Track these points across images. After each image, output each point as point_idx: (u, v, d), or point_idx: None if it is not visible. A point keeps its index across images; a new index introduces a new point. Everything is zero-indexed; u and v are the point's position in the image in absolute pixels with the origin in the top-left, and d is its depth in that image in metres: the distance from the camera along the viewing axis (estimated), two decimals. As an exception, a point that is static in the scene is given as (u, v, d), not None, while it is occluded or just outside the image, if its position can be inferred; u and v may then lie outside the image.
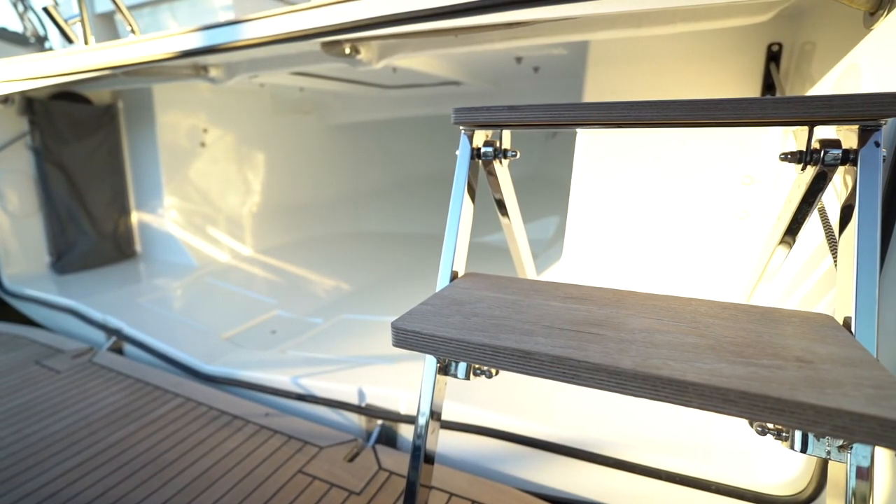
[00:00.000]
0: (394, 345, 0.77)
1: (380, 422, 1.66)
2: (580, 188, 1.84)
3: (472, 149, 1.05)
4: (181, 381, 1.98)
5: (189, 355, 2.11)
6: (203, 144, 3.51)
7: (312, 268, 3.48)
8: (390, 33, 1.54)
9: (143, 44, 1.84)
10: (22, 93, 2.80)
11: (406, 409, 1.62)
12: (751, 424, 0.90)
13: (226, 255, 3.48)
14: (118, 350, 2.38)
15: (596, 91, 1.93)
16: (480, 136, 1.06)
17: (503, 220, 1.21)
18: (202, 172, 3.53)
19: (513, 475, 1.42)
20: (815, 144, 0.81)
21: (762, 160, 1.65)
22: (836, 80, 1.24)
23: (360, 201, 4.83)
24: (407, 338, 0.74)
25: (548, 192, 4.58)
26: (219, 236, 3.53)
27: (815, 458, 1.11)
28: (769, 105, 0.77)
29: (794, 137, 1.36)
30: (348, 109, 4.37)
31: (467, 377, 0.97)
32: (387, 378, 1.76)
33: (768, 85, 1.70)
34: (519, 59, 2.54)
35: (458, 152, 1.07)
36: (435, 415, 0.97)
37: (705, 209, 1.72)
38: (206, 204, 3.55)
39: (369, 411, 1.67)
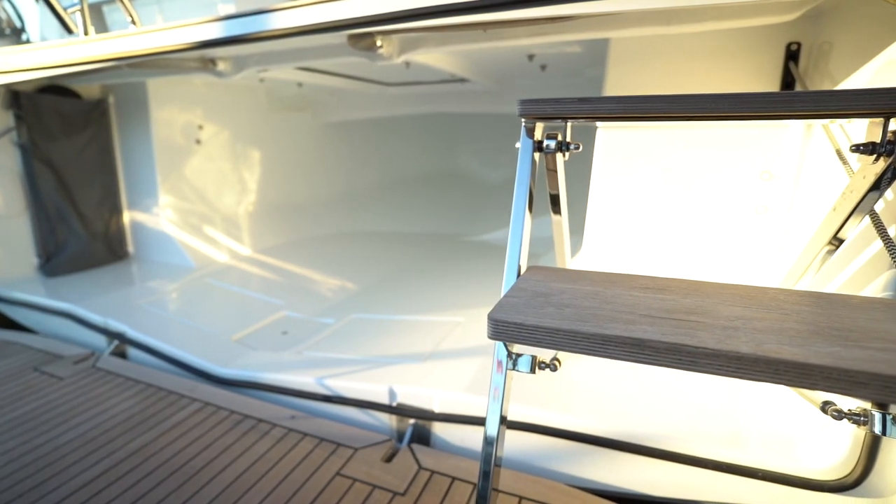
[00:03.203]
0: (490, 337, 0.75)
1: (412, 421, 1.64)
2: (600, 183, 1.86)
3: (534, 142, 1.04)
4: (196, 385, 1.90)
5: (201, 359, 2.04)
6: (198, 141, 3.40)
7: (314, 268, 3.41)
8: (423, 26, 1.52)
9: (156, 34, 1.76)
10: (7, 85, 2.66)
11: (440, 407, 1.60)
12: (824, 411, 0.92)
13: (224, 256, 3.38)
14: (121, 354, 2.28)
15: (616, 88, 1.96)
16: (539, 129, 1.06)
17: (555, 217, 1.20)
18: (198, 170, 3.41)
19: (556, 470, 1.42)
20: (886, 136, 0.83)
21: (781, 156, 1.69)
22: (872, 76, 1.29)
23: (355, 201, 4.77)
24: (508, 330, 0.73)
25: (543, 191, 4.62)
26: (216, 236, 3.42)
27: (860, 444, 1.15)
28: (849, 97, 0.79)
29: (825, 133, 1.40)
30: (344, 107, 4.31)
31: (532, 371, 0.96)
32: (416, 377, 1.73)
33: (787, 83, 1.75)
34: (531, 57, 2.55)
35: (518, 145, 1.06)
36: (503, 417, 0.95)
37: (723, 204, 1.76)
38: (202, 203, 3.43)
39: (401, 411, 1.64)
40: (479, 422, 1.51)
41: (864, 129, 1.28)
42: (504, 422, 0.96)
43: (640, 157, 1.80)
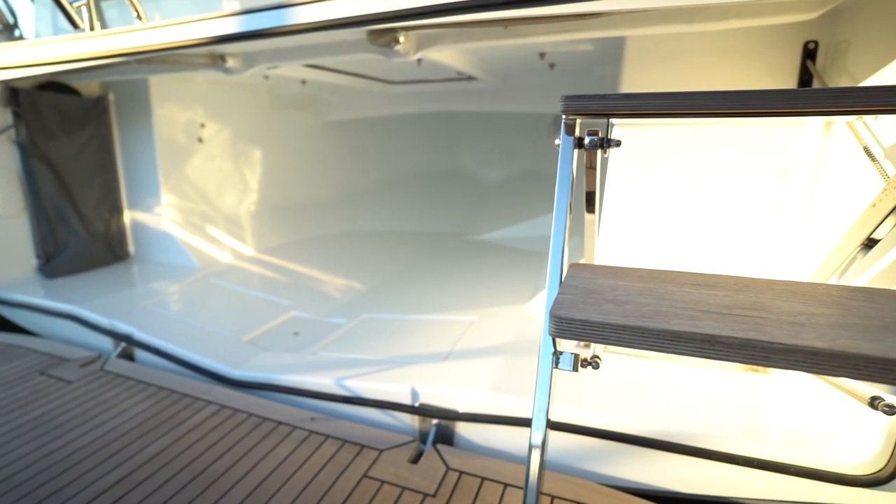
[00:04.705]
0: (552, 334, 0.74)
1: (435, 421, 1.62)
2: (615, 182, 1.86)
3: (575, 138, 1.03)
4: (210, 388, 1.87)
5: (214, 360, 2.00)
6: (200, 140, 3.35)
7: (319, 267, 3.38)
8: (448, 21, 1.50)
9: (169, 28, 1.72)
10: (6, 82, 2.59)
11: (465, 407, 1.58)
12: (874, 406, 0.92)
13: (227, 256, 3.33)
14: (128, 357, 2.23)
15: (632, 86, 1.96)
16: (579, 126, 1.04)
17: (588, 215, 1.19)
18: (199, 169, 3.36)
19: (587, 469, 1.41)
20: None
21: (798, 154, 1.70)
22: (900, 74, 1.30)
23: (355, 200, 4.74)
24: (572, 327, 0.72)
25: (545, 190, 4.62)
26: (219, 236, 3.37)
27: (893, 439, 1.15)
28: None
29: (850, 130, 1.41)
30: (345, 105, 4.28)
31: (575, 369, 0.95)
32: (436, 377, 1.71)
33: (804, 81, 1.76)
34: (542, 55, 2.55)
35: (557, 142, 1.05)
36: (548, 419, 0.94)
37: (739, 201, 1.77)
38: (204, 202, 3.38)
39: (424, 411, 1.62)
40: (506, 421, 1.50)
41: (888, 126, 1.29)
42: (549, 423, 0.95)
43: (656, 155, 1.80)
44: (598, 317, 0.71)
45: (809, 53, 1.74)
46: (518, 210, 4.49)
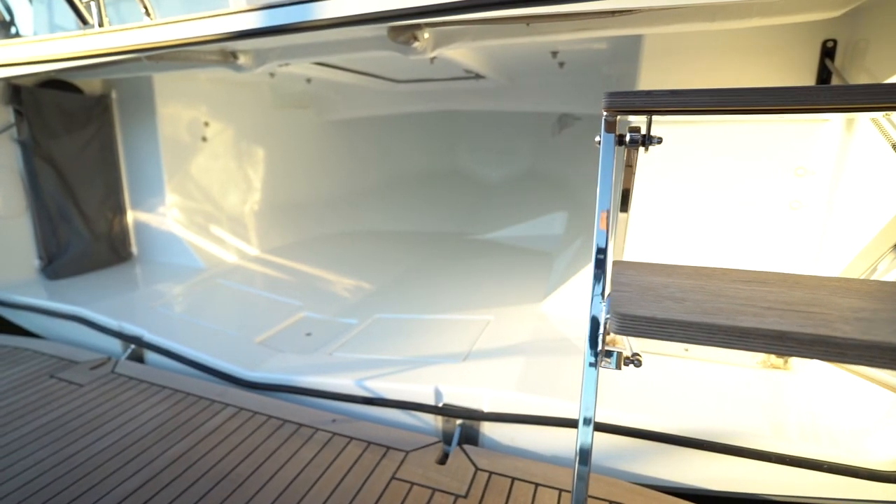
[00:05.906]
0: (616, 332, 0.73)
1: (459, 421, 1.61)
2: (639, 181, 1.85)
3: (617, 135, 1.01)
4: (226, 390, 1.84)
5: (227, 362, 1.97)
6: (204, 139, 3.30)
7: (325, 267, 3.35)
8: (473, 18, 1.48)
9: (184, 24, 1.69)
10: (7, 79, 2.53)
11: (490, 406, 1.57)
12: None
13: (232, 256, 3.29)
14: (137, 358, 2.19)
15: (649, 85, 1.96)
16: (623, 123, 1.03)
17: (622, 215, 1.18)
18: (203, 168, 3.31)
19: (618, 468, 1.41)
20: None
21: (817, 152, 1.71)
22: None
23: (358, 200, 4.70)
24: (636, 324, 0.71)
25: (548, 189, 4.62)
26: (223, 236, 3.33)
27: (927, 433, 1.16)
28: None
29: (876, 128, 1.42)
30: (347, 104, 4.24)
31: (618, 367, 0.95)
32: (458, 376, 1.70)
33: (823, 79, 1.77)
34: (555, 53, 2.54)
35: (598, 139, 1.04)
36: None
37: (755, 199, 1.77)
38: (208, 202, 3.33)
39: (448, 411, 1.61)
40: (535, 421, 1.49)
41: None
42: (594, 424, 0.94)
43: (674, 153, 1.81)
44: (663, 314, 0.70)
45: (828, 52, 1.75)
46: (520, 209, 4.48)
